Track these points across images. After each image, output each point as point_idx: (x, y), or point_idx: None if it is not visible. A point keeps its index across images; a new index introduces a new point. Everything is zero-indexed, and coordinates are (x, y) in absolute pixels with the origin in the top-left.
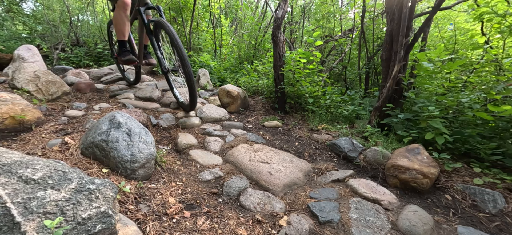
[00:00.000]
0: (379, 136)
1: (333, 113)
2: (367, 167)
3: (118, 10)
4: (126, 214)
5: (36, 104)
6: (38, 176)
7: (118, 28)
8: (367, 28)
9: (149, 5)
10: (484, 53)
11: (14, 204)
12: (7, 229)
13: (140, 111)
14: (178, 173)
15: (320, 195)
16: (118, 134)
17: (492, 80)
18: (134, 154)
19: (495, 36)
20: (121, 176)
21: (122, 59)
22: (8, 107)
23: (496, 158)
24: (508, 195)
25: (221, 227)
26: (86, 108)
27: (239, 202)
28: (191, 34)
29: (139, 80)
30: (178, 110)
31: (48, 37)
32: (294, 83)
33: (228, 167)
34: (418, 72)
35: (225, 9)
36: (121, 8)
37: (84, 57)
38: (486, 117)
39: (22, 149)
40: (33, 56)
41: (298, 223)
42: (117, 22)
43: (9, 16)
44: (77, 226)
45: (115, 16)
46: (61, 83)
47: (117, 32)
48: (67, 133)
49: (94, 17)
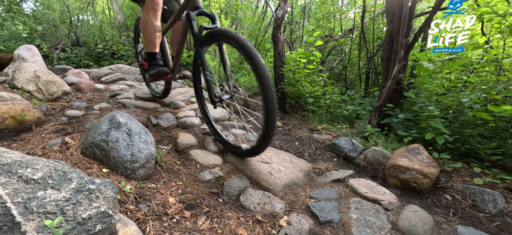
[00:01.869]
0: (379, 136)
1: (333, 113)
2: (367, 167)
3: (146, 13)
4: (126, 214)
5: (36, 104)
6: (38, 176)
7: (147, 37)
8: (367, 28)
9: (202, 10)
10: (484, 53)
11: (14, 204)
12: (7, 229)
13: (140, 111)
14: (178, 173)
15: (320, 195)
16: (118, 134)
17: (492, 80)
18: (134, 154)
19: (495, 36)
20: (121, 176)
21: (150, 72)
22: (8, 107)
23: (496, 158)
24: (508, 195)
25: (221, 227)
26: (86, 108)
27: (239, 202)
28: None
29: (167, 94)
30: (178, 110)
31: (48, 37)
32: (294, 83)
33: (228, 167)
34: (418, 72)
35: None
36: (150, 9)
37: (84, 57)
38: (486, 117)
39: (22, 149)
40: (33, 56)
41: (298, 223)
42: (145, 29)
43: (9, 16)
44: (77, 226)
45: (142, 20)
46: (61, 83)
47: (146, 42)
48: (67, 133)
49: (94, 17)
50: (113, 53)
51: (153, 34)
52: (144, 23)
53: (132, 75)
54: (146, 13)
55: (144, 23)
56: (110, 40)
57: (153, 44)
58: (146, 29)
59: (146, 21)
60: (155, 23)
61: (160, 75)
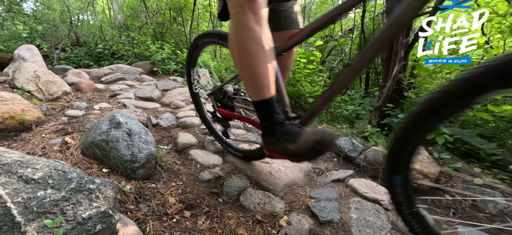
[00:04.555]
0: (379, 136)
1: (333, 113)
2: (367, 167)
3: (246, 21)
4: (126, 214)
5: (36, 104)
6: (38, 175)
7: (250, 68)
8: (367, 28)
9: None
10: (484, 53)
11: (14, 203)
12: (7, 229)
13: (140, 111)
14: (178, 173)
15: (320, 195)
16: (118, 133)
17: None
18: (134, 154)
19: (495, 36)
20: (121, 176)
21: (289, 146)
22: (8, 107)
23: (496, 158)
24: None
25: (221, 227)
26: (86, 108)
27: (239, 202)
28: (191, 34)
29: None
30: (178, 110)
31: (48, 37)
32: (294, 83)
33: (228, 167)
34: (418, 72)
35: None
36: (247, 10)
37: (84, 57)
38: (486, 117)
39: (22, 149)
40: (33, 56)
41: (298, 223)
42: (243, 51)
43: (10, 16)
44: (77, 226)
45: (235, 34)
46: (62, 83)
47: (248, 80)
48: (67, 133)
49: (94, 17)
50: (113, 53)
51: (264, 61)
52: (239, 38)
53: (132, 75)
54: (241, 19)
55: (239, 38)
56: (110, 40)
57: (266, 80)
58: (246, 51)
59: (243, 36)
60: (263, 35)
61: (321, 151)
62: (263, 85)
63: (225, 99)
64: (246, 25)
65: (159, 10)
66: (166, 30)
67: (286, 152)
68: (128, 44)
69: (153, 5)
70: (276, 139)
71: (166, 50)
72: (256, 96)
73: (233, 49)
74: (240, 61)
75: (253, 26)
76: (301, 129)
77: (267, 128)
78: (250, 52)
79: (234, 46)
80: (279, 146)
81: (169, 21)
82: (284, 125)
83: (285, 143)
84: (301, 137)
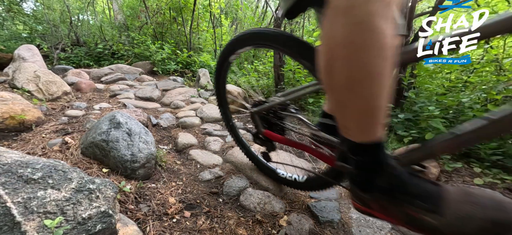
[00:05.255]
0: None
1: None
2: None
3: (373, 17)
4: (126, 214)
5: (36, 104)
6: (38, 175)
7: (367, 102)
8: None
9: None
10: (484, 53)
11: (14, 203)
12: (7, 229)
13: (140, 111)
14: (178, 173)
15: (320, 195)
16: (118, 133)
17: (493, 80)
18: (134, 154)
19: None
20: (121, 176)
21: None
22: (8, 107)
23: (496, 158)
24: (508, 195)
25: (221, 227)
26: (86, 108)
27: (239, 202)
28: (191, 34)
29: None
30: (178, 110)
31: (48, 37)
32: (294, 83)
33: (228, 167)
34: (418, 72)
35: (225, 9)
36: (380, 2)
37: (84, 57)
38: None
39: (22, 148)
40: (33, 56)
41: (298, 223)
42: (362, 76)
43: (10, 16)
44: (77, 226)
45: (350, 48)
46: (62, 83)
47: (359, 114)
48: (68, 133)
49: (94, 17)
50: (113, 53)
51: (387, 85)
52: (356, 51)
53: (132, 75)
54: (363, 12)
55: (356, 51)
56: (110, 40)
57: (382, 114)
58: (365, 71)
59: (366, 45)
60: (394, 41)
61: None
62: (377, 122)
63: (272, 117)
64: (373, 25)
65: (159, 10)
66: (166, 30)
67: (419, 225)
68: (128, 44)
69: (153, 5)
70: (393, 199)
71: (166, 50)
72: (361, 136)
73: (338, 66)
74: (350, 86)
75: (382, 26)
76: (441, 190)
77: (369, 180)
78: (372, 73)
79: (341, 62)
80: (401, 212)
81: (169, 21)
82: (410, 181)
83: (414, 211)
84: (451, 207)
